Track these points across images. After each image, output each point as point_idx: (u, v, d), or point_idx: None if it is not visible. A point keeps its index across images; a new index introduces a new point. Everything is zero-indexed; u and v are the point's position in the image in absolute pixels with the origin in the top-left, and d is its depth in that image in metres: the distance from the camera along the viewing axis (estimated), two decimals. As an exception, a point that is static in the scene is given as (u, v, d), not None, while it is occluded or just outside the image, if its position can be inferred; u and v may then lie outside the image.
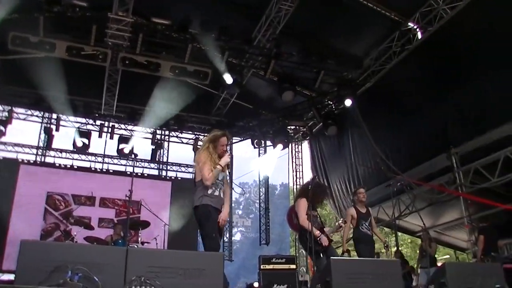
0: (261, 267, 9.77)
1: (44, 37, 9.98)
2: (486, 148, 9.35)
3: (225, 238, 15.95)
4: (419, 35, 11.34)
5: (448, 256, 15.62)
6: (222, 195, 5.34)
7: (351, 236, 8.14)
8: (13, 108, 13.41)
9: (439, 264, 10.13)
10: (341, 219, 7.48)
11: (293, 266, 9.63)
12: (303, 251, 15.24)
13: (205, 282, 4.35)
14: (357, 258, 7.40)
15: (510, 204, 9.80)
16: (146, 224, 10.30)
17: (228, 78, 11.55)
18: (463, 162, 9.92)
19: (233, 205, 17.01)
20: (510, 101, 8.61)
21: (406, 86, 11.40)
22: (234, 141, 16.62)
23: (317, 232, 6.31)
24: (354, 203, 7.93)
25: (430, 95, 10.58)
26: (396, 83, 11.81)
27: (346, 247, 8.19)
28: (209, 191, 5.19)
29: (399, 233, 14.07)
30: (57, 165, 14.06)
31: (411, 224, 12.68)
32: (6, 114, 13.18)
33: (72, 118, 14.08)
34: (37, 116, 14.42)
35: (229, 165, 5.45)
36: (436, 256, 13.18)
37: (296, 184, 16.47)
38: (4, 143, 13.77)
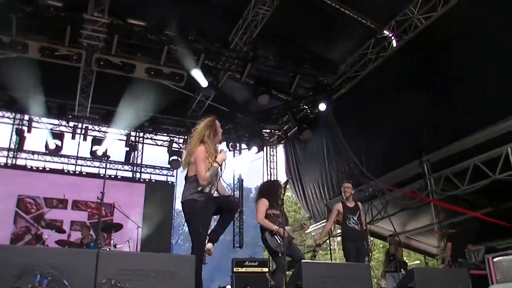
0: (234, 270, 9.80)
1: (16, 37, 9.77)
2: (456, 156, 9.53)
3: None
4: (394, 43, 11.53)
5: (418, 262, 15.80)
6: (213, 192, 5.09)
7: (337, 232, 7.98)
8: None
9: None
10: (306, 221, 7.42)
11: (266, 269, 9.67)
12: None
13: (176, 285, 4.34)
14: (328, 261, 7.43)
15: (478, 211, 10.05)
16: (118, 227, 10.20)
17: (203, 82, 11.55)
18: (435, 169, 10.08)
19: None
20: (479, 110, 8.81)
21: (380, 92, 11.56)
22: (209, 143, 16.54)
23: (274, 227, 6.30)
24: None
25: (403, 102, 10.74)
26: (370, 89, 11.99)
27: (322, 241, 8.06)
28: (199, 188, 4.93)
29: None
30: (28, 167, 13.79)
31: (383, 229, 12.79)
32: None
33: (44, 119, 13.88)
34: (8, 117, 14.11)
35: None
36: (407, 261, 13.38)
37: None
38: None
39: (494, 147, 8.60)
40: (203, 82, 11.59)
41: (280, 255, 6.30)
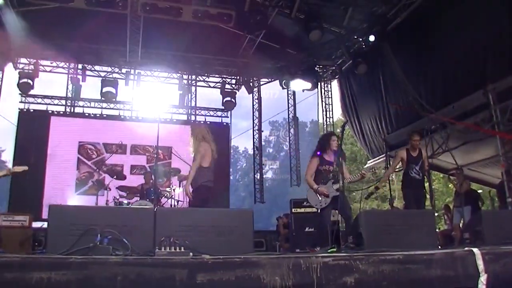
0: (293, 210, 9.87)
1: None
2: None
3: (255, 180, 16.10)
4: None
5: (481, 191, 15.34)
6: None
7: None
8: (38, 61, 13.40)
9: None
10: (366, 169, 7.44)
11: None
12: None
13: (235, 239, 4.34)
14: (388, 210, 7.35)
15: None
16: (176, 171, 10.39)
17: None
18: (501, 98, 9.48)
19: (263, 143, 17.06)
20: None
21: (439, 18, 10.77)
22: (262, 82, 16.42)
23: (314, 186, 6.63)
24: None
25: (466, 27, 9.97)
26: (428, 16, 11.18)
27: (381, 186, 8.18)
28: None
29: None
30: (86, 114, 14.15)
31: (444, 162, 12.40)
32: (32, 67, 13.21)
33: (98, 67, 14.07)
34: (62, 67, 14.35)
35: None
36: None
37: (326, 123, 16.28)
38: (34, 96, 13.85)
39: None
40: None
41: (319, 211, 6.74)
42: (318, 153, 6.81)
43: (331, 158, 6.69)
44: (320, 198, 6.58)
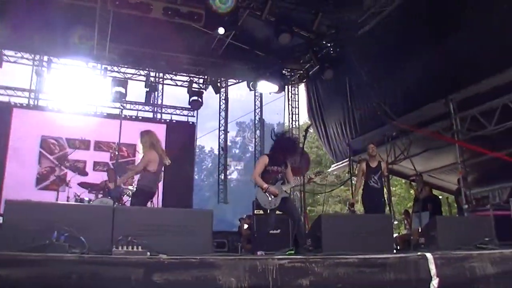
0: (255, 212, 9.86)
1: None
2: (485, 95, 9.16)
3: (220, 180, 16.12)
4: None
5: (440, 197, 15.73)
6: None
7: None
8: (3, 51, 13.06)
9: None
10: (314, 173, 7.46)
11: (287, 212, 9.71)
12: (298, 194, 15.40)
13: (194, 239, 4.34)
14: (347, 213, 7.52)
15: (503, 152, 9.73)
16: (139, 169, 10.29)
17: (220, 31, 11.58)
18: (461, 108, 9.76)
19: (229, 144, 17.09)
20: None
21: (407, 28, 11.01)
22: (229, 83, 16.43)
23: (264, 185, 6.44)
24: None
25: (430, 38, 10.24)
26: (396, 25, 11.42)
27: (355, 200, 8.51)
28: None
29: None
30: (50, 108, 13.86)
31: (405, 168, 12.69)
32: (-5, 57, 12.88)
33: (64, 60, 13.78)
34: (27, 58, 14.01)
35: None
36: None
37: (292, 126, 16.38)
38: (-4, 87, 13.52)
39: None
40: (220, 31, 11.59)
41: (268, 211, 6.67)
42: (269, 153, 6.83)
43: (280, 160, 6.67)
44: (270, 198, 6.48)
